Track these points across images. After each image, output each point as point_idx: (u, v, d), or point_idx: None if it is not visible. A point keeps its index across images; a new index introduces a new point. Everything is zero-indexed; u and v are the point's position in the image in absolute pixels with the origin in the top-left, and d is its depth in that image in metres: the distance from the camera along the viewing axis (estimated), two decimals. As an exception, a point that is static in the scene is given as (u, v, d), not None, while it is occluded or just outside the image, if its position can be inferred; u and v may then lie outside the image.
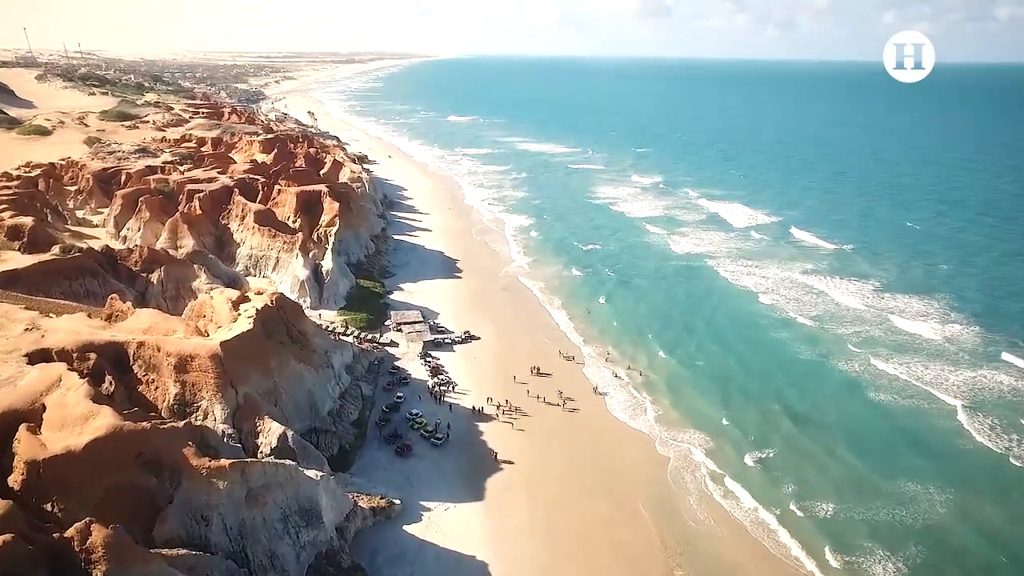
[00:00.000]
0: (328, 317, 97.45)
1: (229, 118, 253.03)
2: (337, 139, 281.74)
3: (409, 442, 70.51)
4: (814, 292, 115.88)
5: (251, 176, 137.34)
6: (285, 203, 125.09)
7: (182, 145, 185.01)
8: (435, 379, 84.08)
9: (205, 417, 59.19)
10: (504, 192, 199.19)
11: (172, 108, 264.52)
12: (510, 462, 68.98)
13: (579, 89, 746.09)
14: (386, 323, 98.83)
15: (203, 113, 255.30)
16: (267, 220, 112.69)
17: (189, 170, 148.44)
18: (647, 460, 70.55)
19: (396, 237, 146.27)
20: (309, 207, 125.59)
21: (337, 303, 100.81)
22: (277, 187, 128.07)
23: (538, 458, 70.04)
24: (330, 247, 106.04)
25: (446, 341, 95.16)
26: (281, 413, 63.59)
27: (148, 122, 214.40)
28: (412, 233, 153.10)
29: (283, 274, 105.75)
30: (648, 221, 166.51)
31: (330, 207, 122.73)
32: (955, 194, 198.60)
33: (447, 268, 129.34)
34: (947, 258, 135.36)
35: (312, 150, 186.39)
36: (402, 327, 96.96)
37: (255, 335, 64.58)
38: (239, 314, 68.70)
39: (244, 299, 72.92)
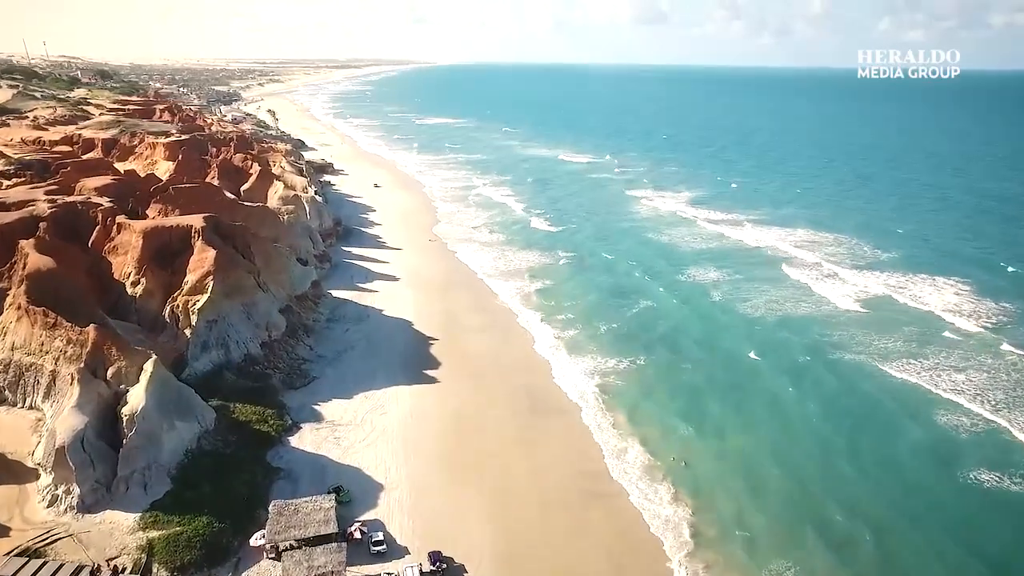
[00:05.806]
0: (118, 533, 43.08)
1: (161, 116, 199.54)
2: (301, 142, 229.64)
3: None
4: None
5: (94, 200, 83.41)
6: (127, 249, 71.11)
7: (55, 148, 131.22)
8: None
9: None
10: (503, 214, 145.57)
11: (89, 104, 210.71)
12: None
13: (578, 93, 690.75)
14: (254, 537, 44.75)
15: (128, 110, 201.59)
16: (49, 291, 57.93)
17: (16, 185, 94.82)
18: None
19: (337, 295, 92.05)
20: (171, 255, 71.51)
21: (149, 491, 45.99)
22: (118, 221, 73.96)
23: None
24: (148, 365, 50.61)
25: (382, 596, 41.26)
26: None
27: (27, 118, 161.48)
28: (367, 284, 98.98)
29: (59, 407, 51.35)
30: (706, 258, 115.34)
31: (201, 257, 68.62)
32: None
33: (415, 360, 75.19)
34: None
35: (239, 156, 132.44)
36: (285, 549, 42.87)
37: None
38: None
39: None
